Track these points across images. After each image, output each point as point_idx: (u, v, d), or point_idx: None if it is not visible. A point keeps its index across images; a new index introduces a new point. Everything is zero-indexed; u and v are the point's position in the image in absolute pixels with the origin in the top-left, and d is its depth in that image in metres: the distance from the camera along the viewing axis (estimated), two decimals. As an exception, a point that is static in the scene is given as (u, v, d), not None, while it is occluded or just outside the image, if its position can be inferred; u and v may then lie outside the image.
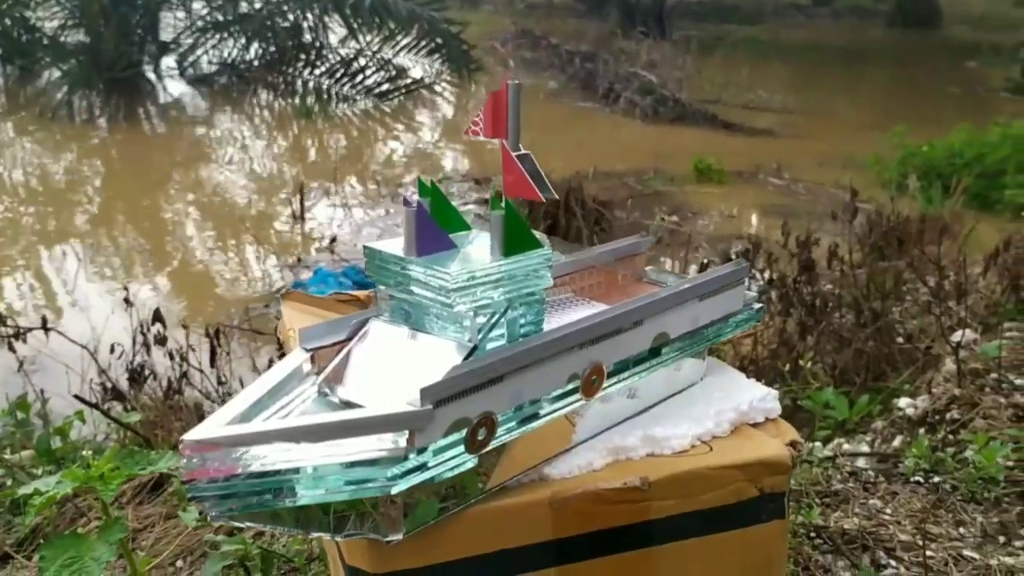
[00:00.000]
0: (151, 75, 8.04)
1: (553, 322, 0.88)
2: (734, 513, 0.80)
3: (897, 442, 1.94)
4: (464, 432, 0.67)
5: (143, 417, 1.89)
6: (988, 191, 5.13)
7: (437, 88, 8.49)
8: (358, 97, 7.69)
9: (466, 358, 0.69)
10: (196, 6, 8.08)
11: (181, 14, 8.07)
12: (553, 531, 0.76)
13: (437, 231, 0.71)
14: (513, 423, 0.71)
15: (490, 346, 0.72)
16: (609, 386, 0.79)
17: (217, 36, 8.08)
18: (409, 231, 0.70)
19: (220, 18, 8.10)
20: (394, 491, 0.64)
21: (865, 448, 1.96)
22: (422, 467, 0.65)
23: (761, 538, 0.82)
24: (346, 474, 0.63)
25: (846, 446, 2.07)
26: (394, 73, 8.04)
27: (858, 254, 3.26)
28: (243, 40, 8.00)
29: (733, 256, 3.54)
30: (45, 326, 2.68)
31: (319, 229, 4.63)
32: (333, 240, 4.00)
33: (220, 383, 2.30)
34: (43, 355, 3.14)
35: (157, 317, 2.18)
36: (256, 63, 7.98)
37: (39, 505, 0.95)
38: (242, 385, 2.48)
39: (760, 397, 0.86)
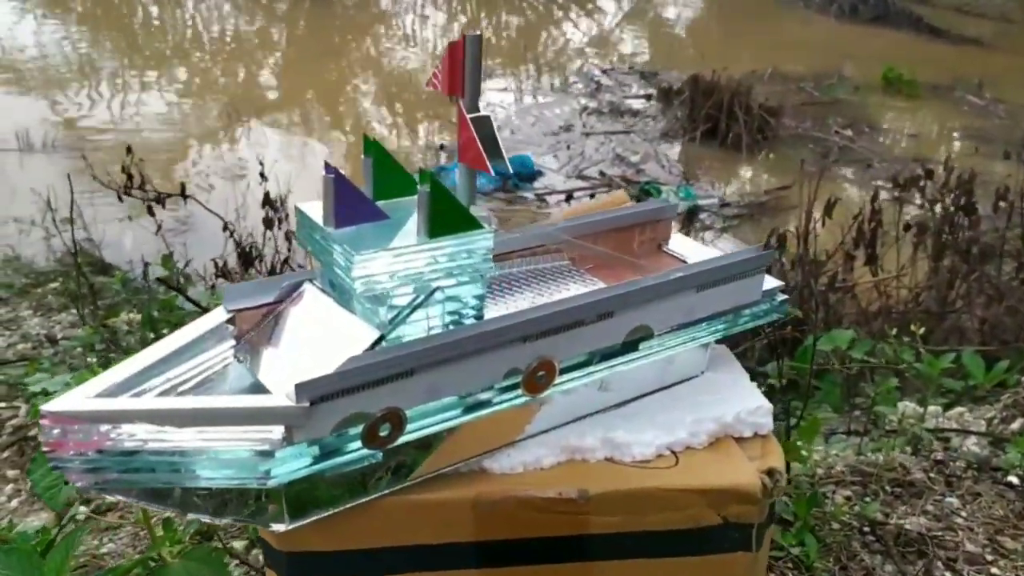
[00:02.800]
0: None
1: (534, 295, 0.80)
2: (690, 539, 0.71)
3: (1017, 425, 1.75)
4: (361, 427, 0.61)
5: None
6: None
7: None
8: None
9: (371, 347, 0.63)
10: None
11: None
12: (475, 532, 0.70)
13: (360, 202, 0.64)
14: (430, 419, 0.65)
15: (413, 334, 0.65)
16: (563, 383, 0.71)
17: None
18: (327, 201, 0.63)
19: None
20: (271, 484, 0.60)
21: (985, 423, 1.78)
22: (309, 461, 0.60)
23: (722, 570, 0.73)
24: (220, 462, 0.59)
25: (968, 416, 1.89)
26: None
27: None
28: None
29: (897, 182, 3.24)
30: (183, 193, 2.78)
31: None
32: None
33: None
34: (192, 218, 3.30)
35: (267, 201, 2.21)
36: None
37: (37, 410, 0.97)
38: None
39: (750, 409, 0.76)
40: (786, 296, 0.84)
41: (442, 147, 3.90)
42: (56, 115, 4.41)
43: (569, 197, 3.68)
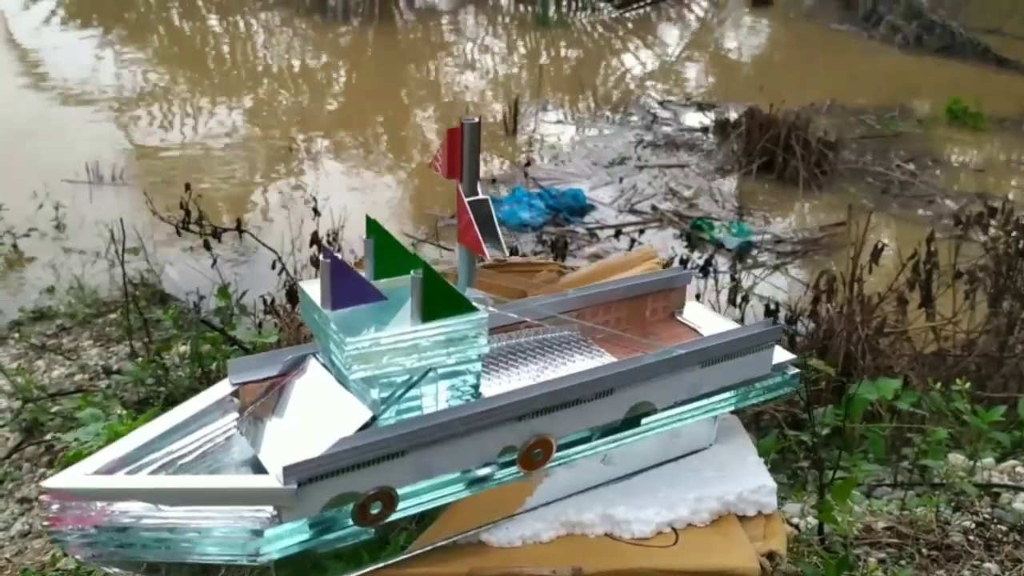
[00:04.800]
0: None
1: (540, 367, 0.80)
2: (687, 619, 0.71)
3: (1070, 483, 1.69)
4: (352, 506, 0.62)
5: (280, 337, 1.97)
6: None
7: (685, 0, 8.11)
8: (600, 5, 7.49)
9: (362, 428, 0.64)
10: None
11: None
12: (472, 607, 0.70)
13: (357, 284, 0.65)
14: (424, 496, 0.66)
15: (408, 413, 0.66)
16: (563, 460, 0.71)
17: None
18: (324, 283, 0.65)
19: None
20: (261, 560, 0.61)
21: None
22: (299, 539, 0.62)
23: (720, 650, 0.72)
24: (212, 540, 0.60)
25: (1021, 469, 1.84)
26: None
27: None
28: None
29: (959, 219, 3.17)
30: (239, 228, 2.85)
31: (532, 142, 4.61)
32: (528, 163, 3.96)
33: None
34: (251, 248, 3.35)
35: (315, 240, 2.25)
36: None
37: (69, 458, 1.01)
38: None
39: (753, 488, 0.75)
40: (797, 370, 0.83)
41: (493, 180, 3.92)
42: (126, 145, 4.55)
43: (619, 232, 3.67)
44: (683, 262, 2.99)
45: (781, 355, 0.82)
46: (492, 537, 0.72)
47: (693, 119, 5.13)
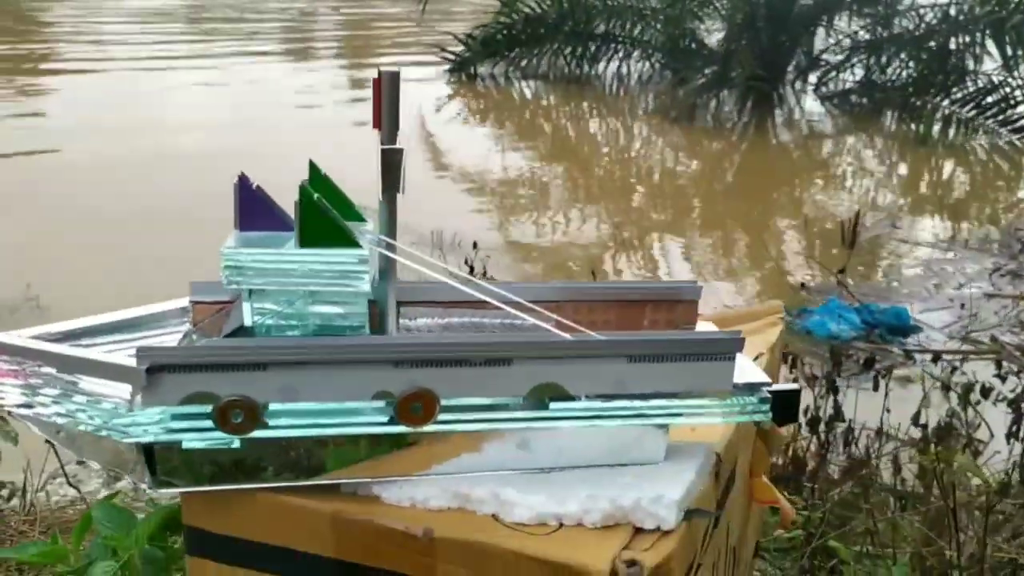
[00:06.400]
0: (788, 88, 8.20)
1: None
2: (537, 613, 0.65)
3: None
4: (210, 407, 0.67)
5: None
6: None
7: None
8: (995, 128, 6.89)
9: (230, 335, 0.68)
10: (842, 24, 8.00)
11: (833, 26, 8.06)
12: (335, 550, 0.71)
13: (266, 210, 0.71)
14: (294, 420, 0.68)
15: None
16: (453, 423, 0.70)
17: (865, 55, 7.88)
18: (234, 203, 0.71)
19: (871, 37, 7.91)
20: (129, 438, 0.67)
21: None
22: (162, 428, 0.67)
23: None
24: (93, 409, 0.68)
25: None
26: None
27: None
28: (884, 60, 7.69)
29: None
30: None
31: (872, 257, 4.36)
32: (841, 271, 3.72)
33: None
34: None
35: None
36: (890, 84, 7.62)
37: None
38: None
39: (652, 497, 0.67)
40: (769, 395, 0.73)
41: (803, 286, 3.74)
42: (480, 225, 4.99)
43: (937, 357, 3.30)
44: (985, 391, 2.63)
45: (754, 375, 0.73)
46: (384, 493, 0.72)
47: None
